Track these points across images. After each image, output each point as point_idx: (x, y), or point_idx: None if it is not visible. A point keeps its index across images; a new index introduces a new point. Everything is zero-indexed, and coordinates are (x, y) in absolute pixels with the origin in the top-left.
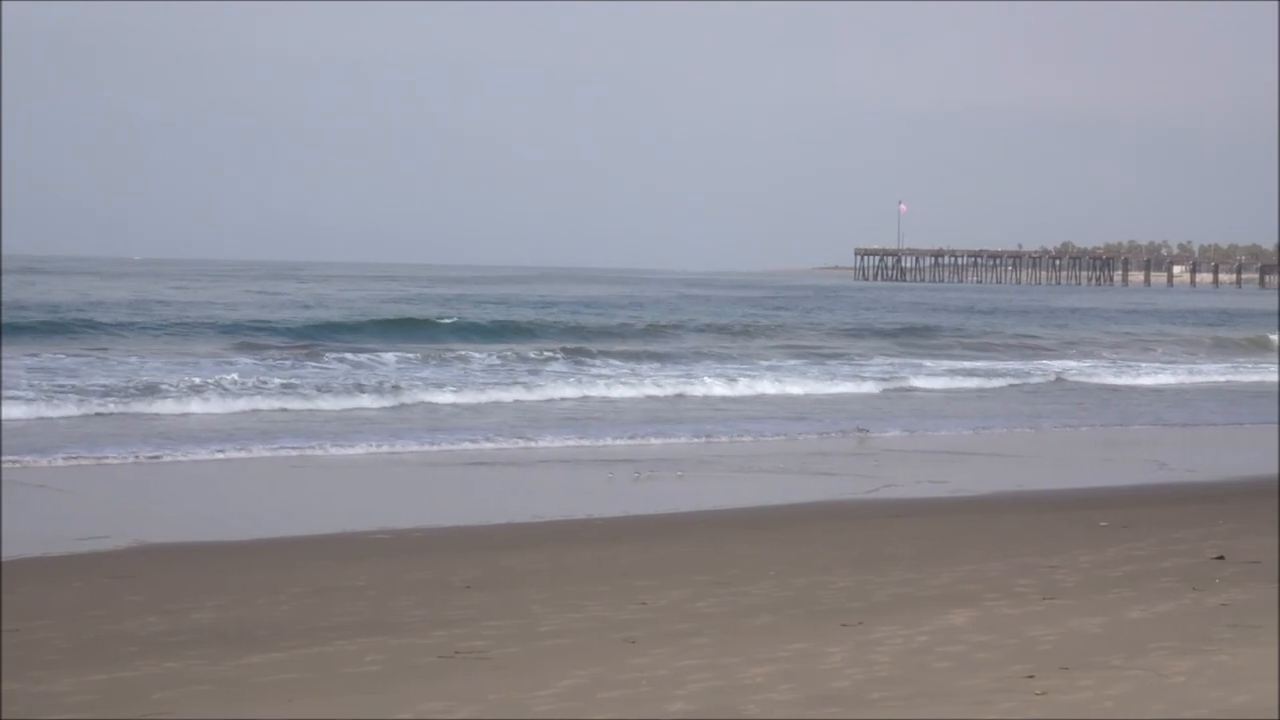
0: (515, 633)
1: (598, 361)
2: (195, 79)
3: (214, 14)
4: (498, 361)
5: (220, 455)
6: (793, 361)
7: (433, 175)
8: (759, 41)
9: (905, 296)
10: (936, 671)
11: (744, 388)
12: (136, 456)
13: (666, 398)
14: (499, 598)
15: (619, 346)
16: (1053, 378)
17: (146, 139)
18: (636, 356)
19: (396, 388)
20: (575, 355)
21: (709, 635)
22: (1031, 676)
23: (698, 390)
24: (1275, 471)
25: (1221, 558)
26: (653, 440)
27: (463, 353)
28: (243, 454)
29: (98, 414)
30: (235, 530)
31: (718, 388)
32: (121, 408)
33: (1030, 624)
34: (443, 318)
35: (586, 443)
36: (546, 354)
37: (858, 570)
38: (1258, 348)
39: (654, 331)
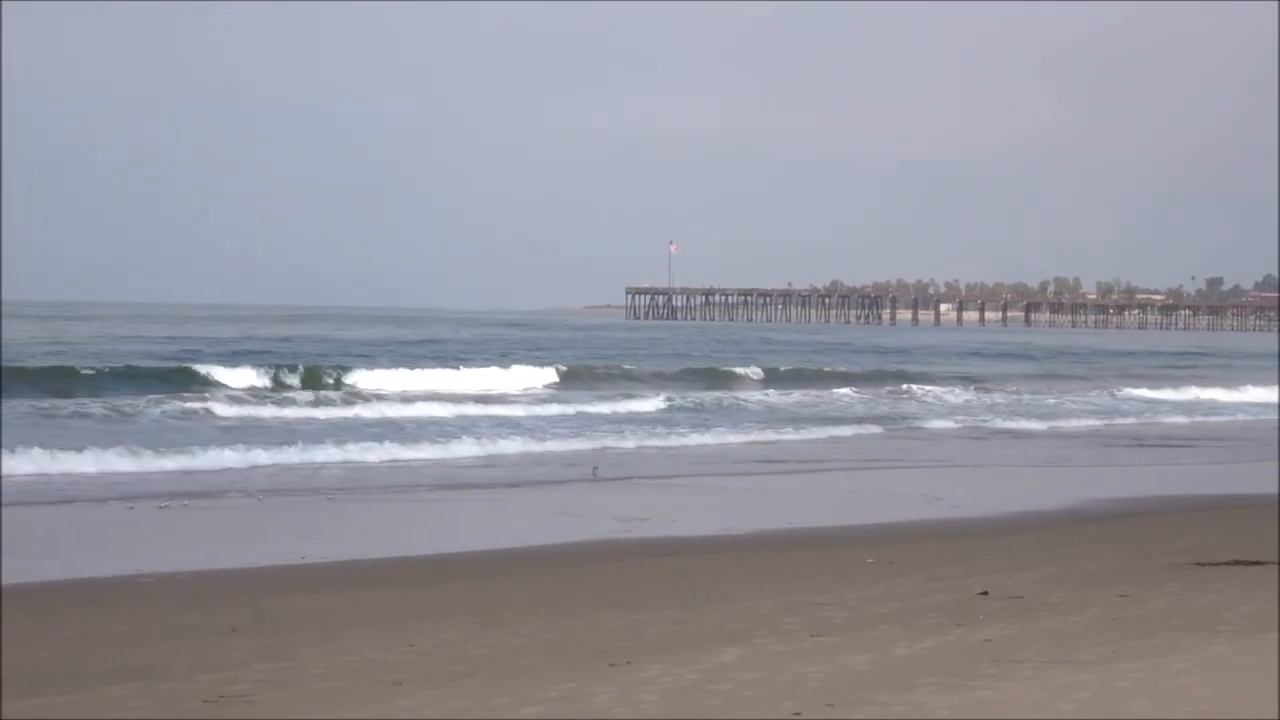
0: (282, 676)
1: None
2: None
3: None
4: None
5: None
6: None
7: (196, 213)
8: (529, 79)
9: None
10: (705, 709)
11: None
12: None
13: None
14: (266, 641)
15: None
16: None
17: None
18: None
19: None
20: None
21: (478, 677)
22: (798, 714)
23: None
24: (1035, 507)
25: (985, 593)
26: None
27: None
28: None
29: None
30: None
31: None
32: None
33: (799, 661)
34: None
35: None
36: None
37: (628, 610)
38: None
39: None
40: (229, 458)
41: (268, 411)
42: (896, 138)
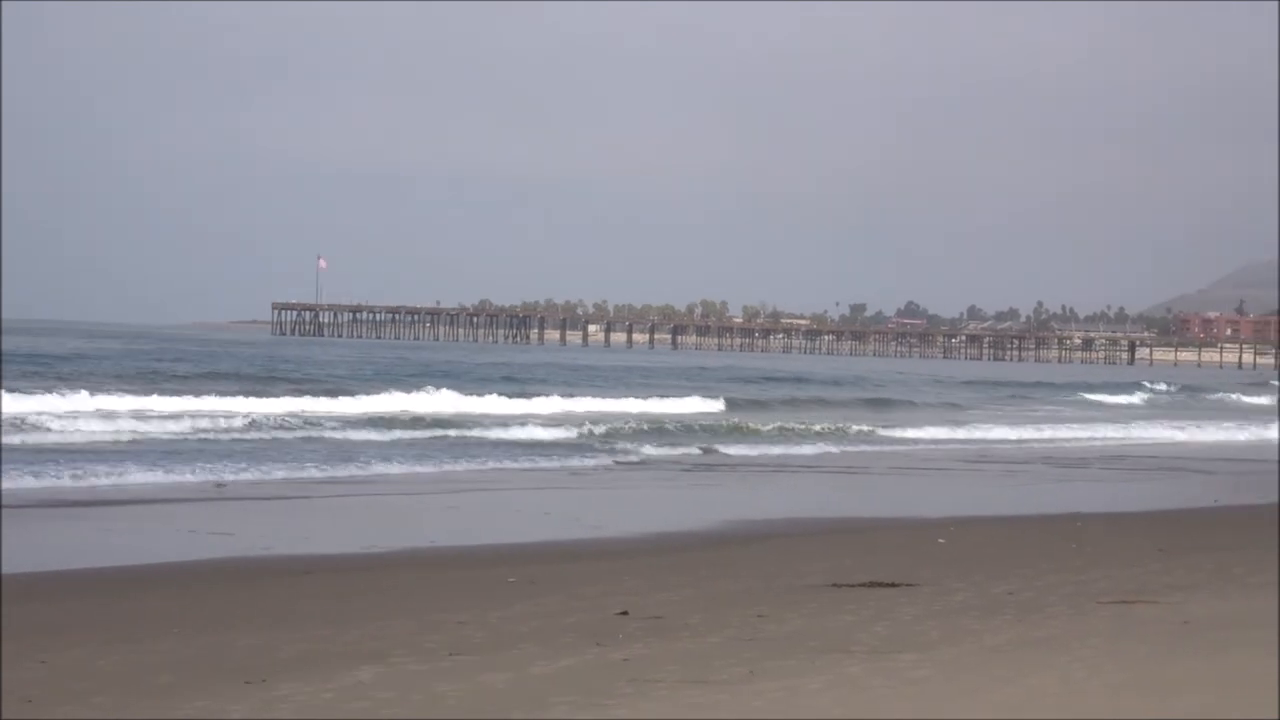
0: None
1: None
2: None
3: None
4: None
5: None
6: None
7: None
8: (172, 92)
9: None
10: None
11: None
12: None
13: None
14: None
15: None
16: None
17: None
18: None
19: None
20: None
21: (107, 694)
22: None
23: None
24: (678, 529)
25: (625, 613)
26: None
27: None
28: None
29: None
30: None
31: None
32: None
33: (437, 680)
34: None
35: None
36: None
37: (265, 627)
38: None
39: None
40: None
41: None
42: (549, 160)
